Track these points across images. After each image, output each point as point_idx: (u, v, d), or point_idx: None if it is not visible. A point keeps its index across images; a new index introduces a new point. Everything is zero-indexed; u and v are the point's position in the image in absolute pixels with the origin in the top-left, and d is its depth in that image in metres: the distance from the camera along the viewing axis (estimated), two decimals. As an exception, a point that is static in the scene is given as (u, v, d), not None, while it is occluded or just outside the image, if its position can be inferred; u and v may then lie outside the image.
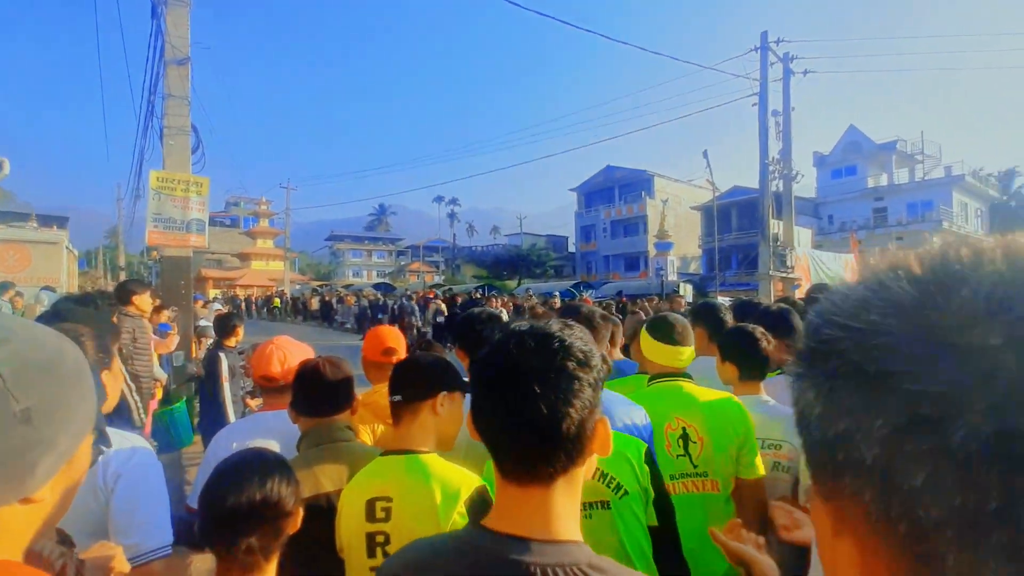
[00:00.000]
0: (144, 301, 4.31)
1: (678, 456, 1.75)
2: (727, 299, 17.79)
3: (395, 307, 18.76)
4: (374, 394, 2.04)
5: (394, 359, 2.14)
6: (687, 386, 1.85)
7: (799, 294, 15.53)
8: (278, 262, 45.30)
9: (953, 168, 33.60)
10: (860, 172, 34.36)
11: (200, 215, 7.17)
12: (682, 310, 11.48)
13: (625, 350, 3.06)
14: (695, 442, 1.74)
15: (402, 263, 71.47)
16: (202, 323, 8.00)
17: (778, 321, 2.47)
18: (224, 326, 4.42)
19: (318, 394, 1.54)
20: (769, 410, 1.99)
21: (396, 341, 2.24)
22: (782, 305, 2.67)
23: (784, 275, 16.21)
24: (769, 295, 15.34)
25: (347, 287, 40.30)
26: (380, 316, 21.19)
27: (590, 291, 19.36)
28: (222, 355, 4.15)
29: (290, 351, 1.87)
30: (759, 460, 1.78)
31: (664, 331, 1.87)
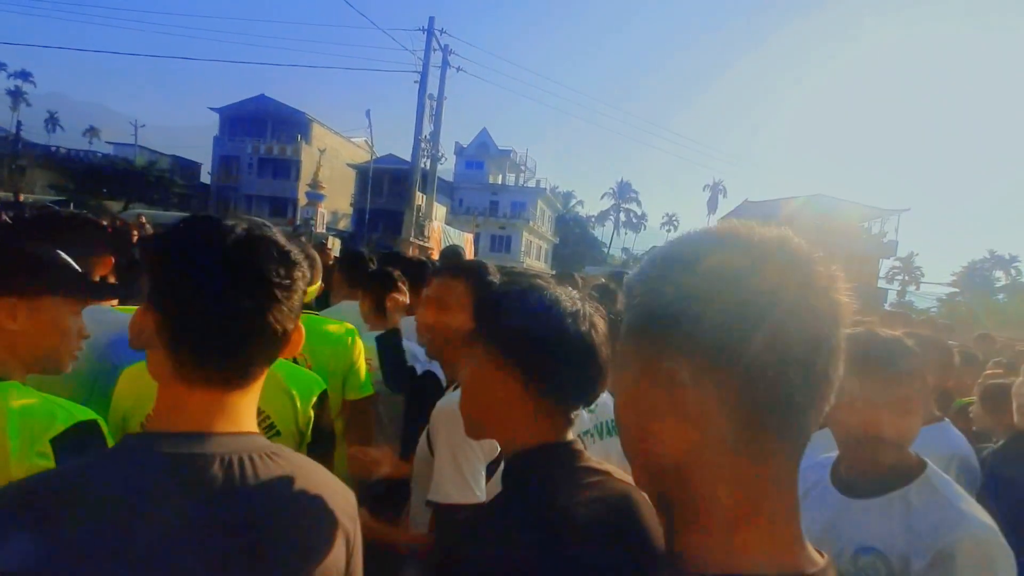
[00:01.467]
0: None
1: None
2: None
3: None
4: None
5: None
6: (309, 315, 2.01)
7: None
8: None
9: (541, 182, 45.33)
10: (486, 168, 42.23)
11: None
12: (330, 263, 11.92)
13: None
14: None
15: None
16: None
17: (415, 268, 3.02)
18: None
19: None
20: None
21: None
22: (421, 258, 3.40)
23: (421, 243, 18.70)
24: (405, 256, 17.50)
25: None
26: None
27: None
28: None
29: None
30: (365, 383, 2.05)
31: None
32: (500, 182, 42.59)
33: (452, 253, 5.53)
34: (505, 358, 0.85)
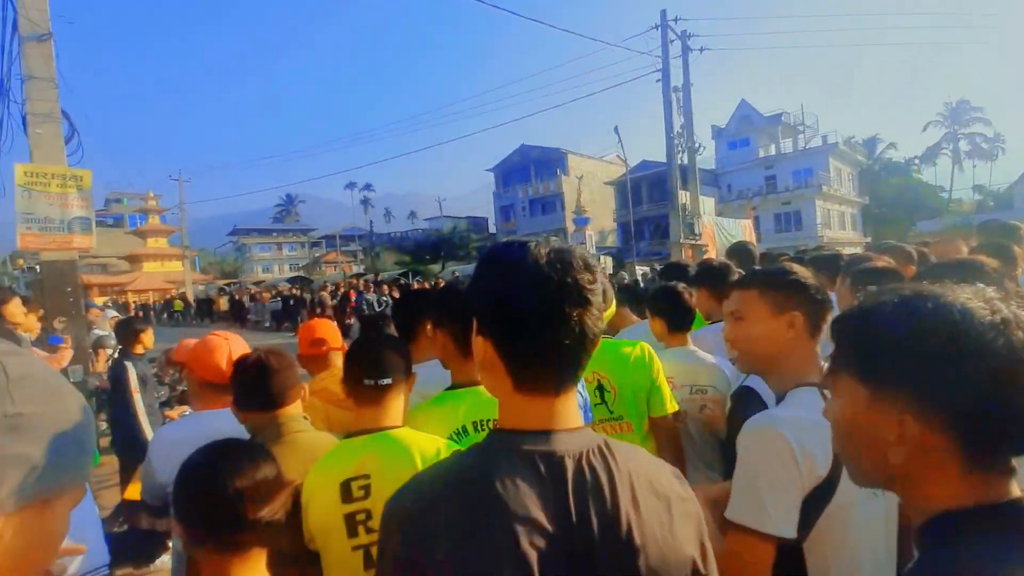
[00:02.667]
0: (14, 310, 3.80)
1: (596, 404, 1.96)
2: (644, 268, 18.71)
3: (314, 300, 17.92)
4: (321, 381, 2.07)
5: (324, 349, 2.20)
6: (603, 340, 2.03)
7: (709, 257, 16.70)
8: (175, 262, 41.44)
9: (828, 137, 37.38)
10: (752, 143, 37.28)
11: (84, 212, 6.37)
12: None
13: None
14: (609, 391, 1.97)
15: (316, 254, 67.98)
16: (96, 332, 7.20)
17: (707, 274, 2.66)
18: (127, 332, 4.06)
19: (266, 387, 1.48)
20: (695, 358, 2.21)
21: (326, 332, 2.27)
22: (714, 260, 2.88)
23: (693, 242, 17.32)
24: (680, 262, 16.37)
25: (258, 283, 37.87)
26: (301, 310, 20.20)
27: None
28: (129, 364, 3.81)
29: (234, 347, 1.80)
30: (668, 399, 2.00)
31: None
32: (774, 152, 37.01)
33: (741, 251, 4.46)
34: (918, 404, 0.64)
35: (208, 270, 53.75)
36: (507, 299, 0.72)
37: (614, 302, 2.16)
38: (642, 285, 3.20)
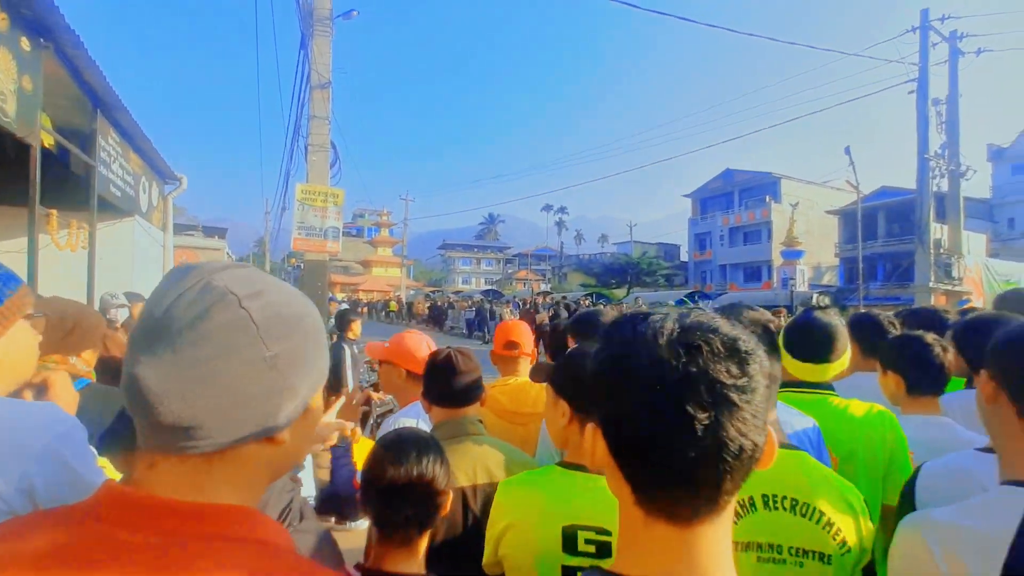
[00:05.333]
0: None
1: None
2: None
3: (495, 313, 19.13)
4: (492, 388, 2.02)
5: (516, 353, 2.19)
6: (823, 396, 1.63)
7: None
8: (395, 269, 48.58)
9: None
10: (1050, 167, 28.70)
11: (336, 223, 7.78)
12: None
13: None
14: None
15: (509, 271, 73.06)
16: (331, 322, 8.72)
17: (972, 328, 1.92)
18: (342, 321, 4.92)
19: (451, 384, 1.53)
20: (947, 432, 1.65)
21: (519, 335, 2.23)
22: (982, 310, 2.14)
23: (949, 287, 13.92)
24: (930, 311, 13.24)
25: (457, 293, 42.05)
26: (491, 322, 21.80)
27: (707, 301, 18.13)
28: (345, 346, 4.60)
29: (430, 341, 1.99)
30: None
31: (806, 346, 1.62)
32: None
33: (1016, 298, 3.21)
34: None
35: (419, 278, 61.85)
36: (613, 390, 0.58)
37: (847, 351, 1.66)
38: (883, 318, 2.48)
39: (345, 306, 10.98)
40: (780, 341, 1.68)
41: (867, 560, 1.14)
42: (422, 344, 1.94)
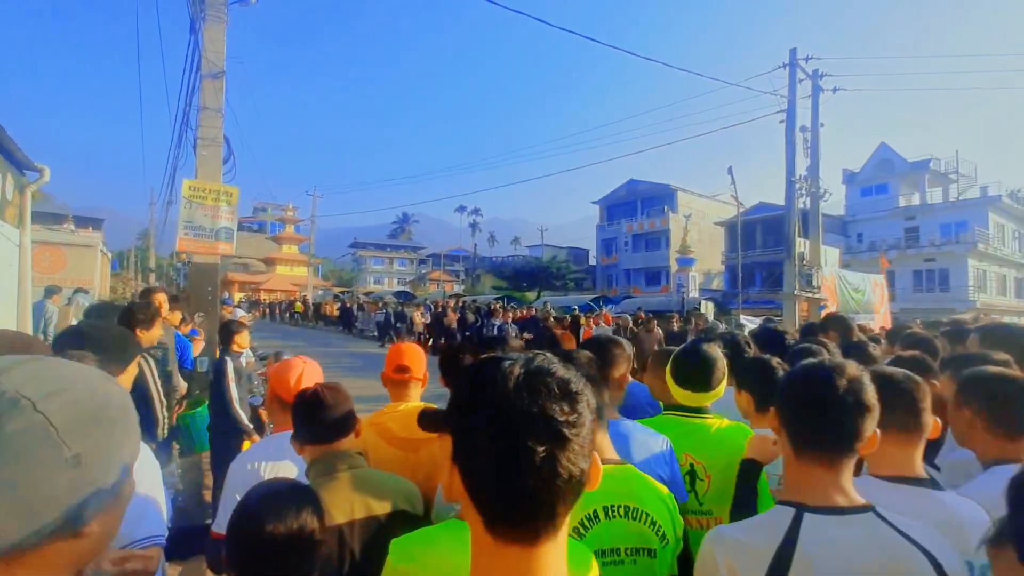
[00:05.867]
0: (161, 299, 4.44)
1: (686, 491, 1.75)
2: (752, 318, 17.41)
3: (406, 316, 18.90)
4: (382, 415, 1.99)
5: (407, 376, 2.10)
6: (700, 420, 1.81)
7: (824, 315, 15.16)
8: (302, 267, 46.12)
9: (989, 188, 32.55)
10: (891, 191, 33.54)
11: (229, 223, 7.35)
12: (701, 327, 11.27)
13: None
14: (702, 479, 1.72)
15: (423, 271, 72.04)
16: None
17: (806, 355, 2.36)
18: (225, 333, 4.50)
19: (320, 421, 1.51)
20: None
21: (411, 359, 2.16)
22: (810, 345, 2.49)
23: (810, 295, 15.84)
24: (794, 315, 15.03)
25: (368, 294, 40.83)
26: (399, 325, 21.43)
27: (610, 306, 19.19)
28: (228, 359, 4.19)
29: (308, 372, 1.89)
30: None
31: (691, 377, 1.81)
32: (918, 202, 33.00)
33: (837, 321, 3.76)
34: None
35: (328, 277, 59.10)
36: (464, 428, 0.65)
37: (724, 380, 1.87)
38: (742, 339, 2.85)
39: (241, 312, 10.31)
40: (668, 369, 1.89)
41: (680, 549, 1.37)
42: (295, 369, 1.88)
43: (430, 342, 17.73)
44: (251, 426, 3.84)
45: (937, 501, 1.25)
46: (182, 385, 5.12)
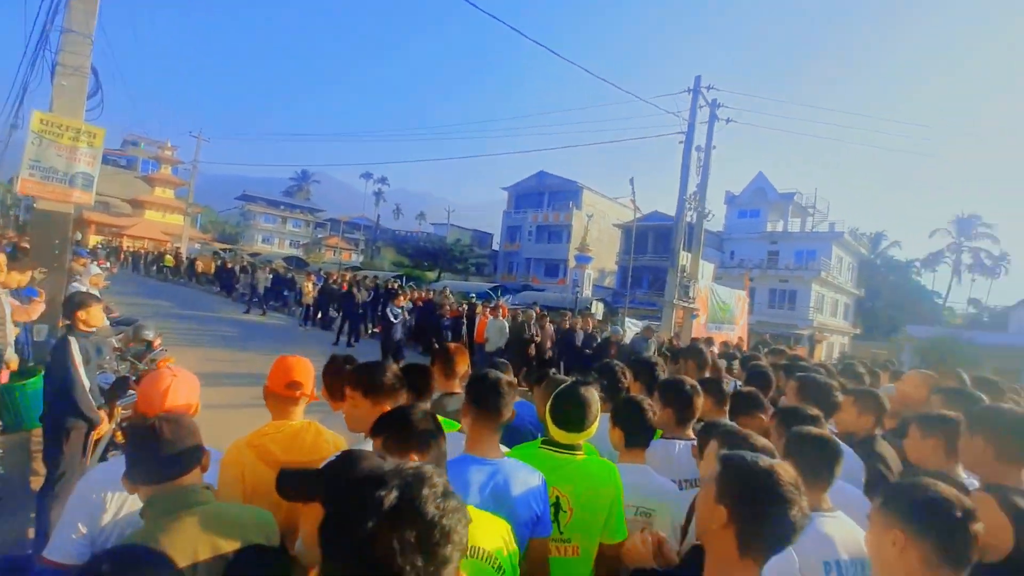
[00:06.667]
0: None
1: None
2: (636, 320, 18.76)
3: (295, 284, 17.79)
4: (264, 436, 1.89)
5: (297, 394, 1.97)
6: (570, 456, 1.94)
7: (696, 324, 16.83)
8: (177, 215, 41.44)
9: (836, 225, 37.92)
10: (763, 216, 37.81)
11: (88, 169, 6.43)
12: (590, 329, 11.91)
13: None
14: (565, 511, 1.85)
15: (319, 236, 68.01)
16: (75, 286, 7.15)
17: (672, 391, 2.56)
18: (69, 307, 3.56)
19: (157, 457, 1.37)
20: (647, 479, 2.12)
21: (303, 373, 2.01)
22: (677, 378, 2.70)
23: (686, 305, 17.45)
24: (671, 322, 16.51)
25: (255, 255, 37.82)
26: (286, 293, 20.11)
27: (507, 297, 19.63)
28: (72, 340, 3.38)
29: (178, 385, 1.72)
30: (623, 526, 1.92)
31: (568, 419, 1.92)
32: (781, 229, 37.52)
33: (693, 352, 4.36)
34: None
35: (209, 229, 53.54)
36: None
37: (597, 421, 1.95)
38: (619, 371, 3.07)
39: (96, 270, 9.05)
40: (548, 407, 1.97)
41: (517, 574, 1.49)
42: (168, 388, 1.71)
43: (319, 316, 16.91)
44: (99, 416, 3.36)
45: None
46: (11, 358, 4.46)
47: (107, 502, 1.52)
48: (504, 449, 1.93)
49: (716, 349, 10.30)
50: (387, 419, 1.48)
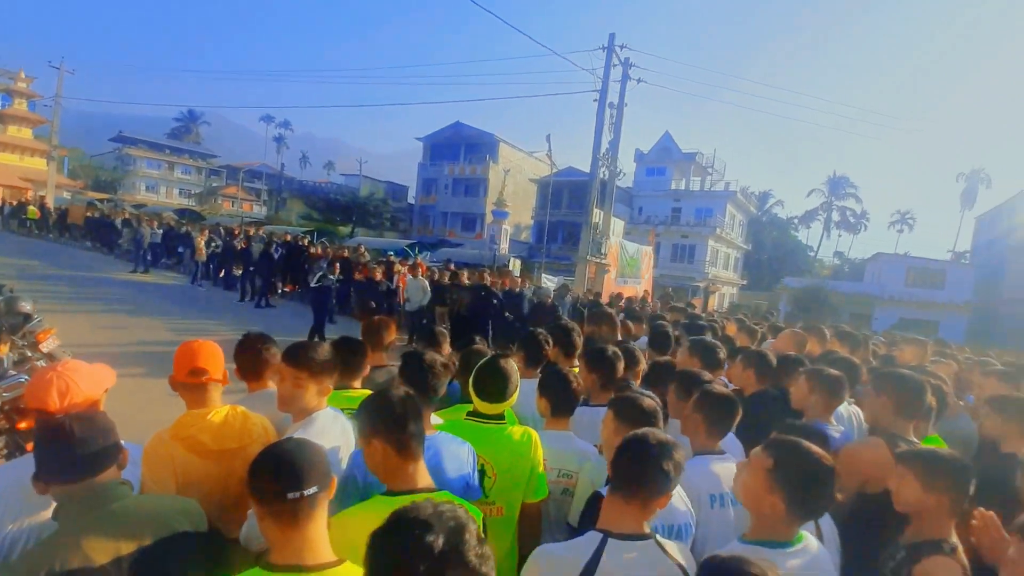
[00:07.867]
0: None
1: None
2: (551, 276, 19.48)
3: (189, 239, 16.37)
4: (188, 428, 1.82)
5: (204, 379, 1.89)
6: (494, 425, 2.13)
7: (607, 279, 17.87)
8: (38, 159, 35.93)
9: (730, 184, 41.08)
10: (668, 174, 39.97)
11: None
12: (519, 288, 12.14)
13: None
14: (489, 477, 2.04)
15: (214, 185, 62.15)
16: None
17: (598, 361, 2.71)
18: None
19: (70, 459, 1.30)
20: (570, 444, 2.29)
21: (207, 358, 1.92)
22: (600, 347, 2.86)
23: (598, 261, 18.40)
24: (584, 277, 17.39)
25: (139, 206, 34.04)
26: (180, 250, 18.43)
27: (425, 254, 19.52)
28: None
29: (76, 380, 1.61)
30: (542, 486, 2.10)
31: (489, 392, 2.11)
32: (684, 187, 39.95)
33: (601, 315, 4.80)
34: None
35: (80, 176, 46.89)
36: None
37: (517, 391, 2.14)
38: (541, 338, 3.22)
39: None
40: (471, 381, 2.14)
41: None
42: (53, 388, 1.59)
43: (222, 274, 15.84)
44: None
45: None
46: None
47: (10, 506, 1.45)
48: (436, 420, 2.15)
49: (623, 304, 11.15)
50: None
